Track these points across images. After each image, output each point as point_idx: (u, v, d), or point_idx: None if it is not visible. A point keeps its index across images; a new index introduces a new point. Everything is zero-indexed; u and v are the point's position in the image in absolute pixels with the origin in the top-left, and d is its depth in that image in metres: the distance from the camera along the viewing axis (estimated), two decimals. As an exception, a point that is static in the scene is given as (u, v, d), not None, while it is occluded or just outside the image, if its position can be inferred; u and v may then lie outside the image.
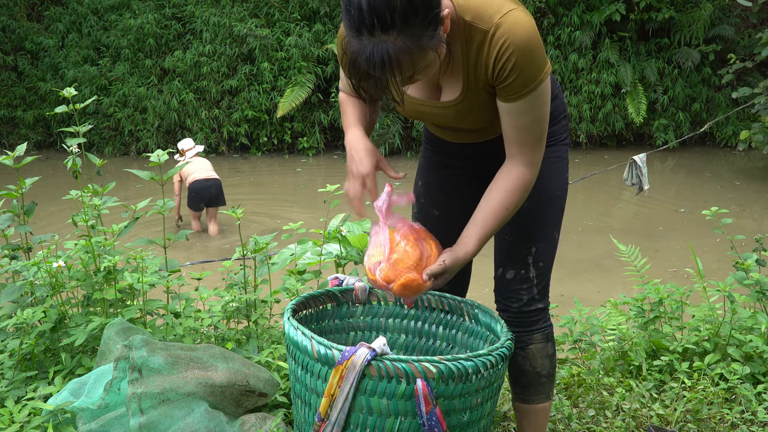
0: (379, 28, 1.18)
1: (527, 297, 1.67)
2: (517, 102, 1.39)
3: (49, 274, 2.04)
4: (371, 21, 1.18)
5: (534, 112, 1.41)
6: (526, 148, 1.44)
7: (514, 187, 1.46)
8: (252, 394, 1.77)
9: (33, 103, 10.94)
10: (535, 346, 1.70)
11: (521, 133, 1.43)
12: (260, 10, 10.80)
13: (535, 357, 1.70)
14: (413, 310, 1.86)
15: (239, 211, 2.28)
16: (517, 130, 1.43)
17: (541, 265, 1.67)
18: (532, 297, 1.67)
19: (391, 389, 1.38)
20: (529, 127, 1.43)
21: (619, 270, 2.87)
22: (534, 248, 1.65)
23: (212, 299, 2.26)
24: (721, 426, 1.99)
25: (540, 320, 1.70)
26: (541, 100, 1.40)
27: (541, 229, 1.66)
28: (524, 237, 1.65)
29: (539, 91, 1.39)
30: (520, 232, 1.65)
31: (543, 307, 1.70)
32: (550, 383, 1.74)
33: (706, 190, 8.19)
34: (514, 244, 1.67)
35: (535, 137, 1.44)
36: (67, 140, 2.24)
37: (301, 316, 1.72)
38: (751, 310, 2.42)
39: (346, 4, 1.21)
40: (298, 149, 10.52)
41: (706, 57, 10.50)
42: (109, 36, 10.89)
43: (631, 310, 2.47)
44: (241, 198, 7.60)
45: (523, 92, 1.38)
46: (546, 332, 1.71)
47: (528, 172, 1.46)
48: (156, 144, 10.35)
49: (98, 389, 1.74)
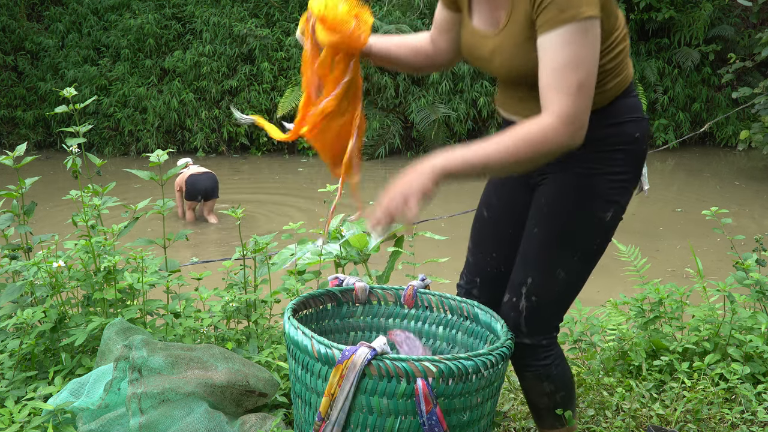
0: None
1: (513, 327, 1.56)
2: (554, 31, 1.26)
3: (49, 274, 2.04)
4: None
5: (572, 50, 1.26)
6: (560, 95, 1.26)
7: (529, 134, 1.27)
8: (252, 394, 1.77)
9: (33, 103, 10.94)
10: (527, 383, 1.64)
11: (556, 76, 1.27)
12: (260, 10, 10.80)
13: (529, 391, 1.66)
14: (413, 310, 1.86)
15: (239, 211, 2.28)
16: (553, 72, 1.27)
17: (534, 299, 1.52)
18: (518, 329, 1.55)
19: (392, 389, 1.38)
20: (564, 69, 1.26)
21: (619, 270, 2.87)
22: (530, 278, 1.52)
23: (212, 299, 2.26)
24: (721, 426, 1.99)
25: (528, 357, 1.58)
26: (582, 39, 1.26)
27: (542, 259, 1.51)
28: (524, 262, 1.54)
29: (581, 26, 1.25)
30: (524, 253, 1.54)
31: (532, 344, 1.56)
32: (553, 416, 1.65)
33: (706, 190, 8.19)
34: (517, 266, 1.56)
35: (572, 84, 1.26)
36: (67, 140, 2.24)
37: (301, 316, 1.72)
38: (751, 310, 2.42)
39: None
40: (298, 149, 10.52)
41: (706, 57, 10.50)
42: (109, 36, 10.89)
43: (631, 310, 2.47)
44: (241, 198, 7.60)
45: (560, 18, 1.25)
46: (538, 372, 1.59)
47: (553, 124, 1.26)
48: (156, 144, 10.35)
49: (98, 389, 1.74)
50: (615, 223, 1.52)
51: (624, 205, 1.52)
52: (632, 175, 1.50)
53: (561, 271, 1.51)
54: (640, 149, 1.49)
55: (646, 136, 1.50)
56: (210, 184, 6.68)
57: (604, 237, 1.52)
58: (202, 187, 6.63)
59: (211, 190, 6.69)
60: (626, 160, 1.47)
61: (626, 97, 1.48)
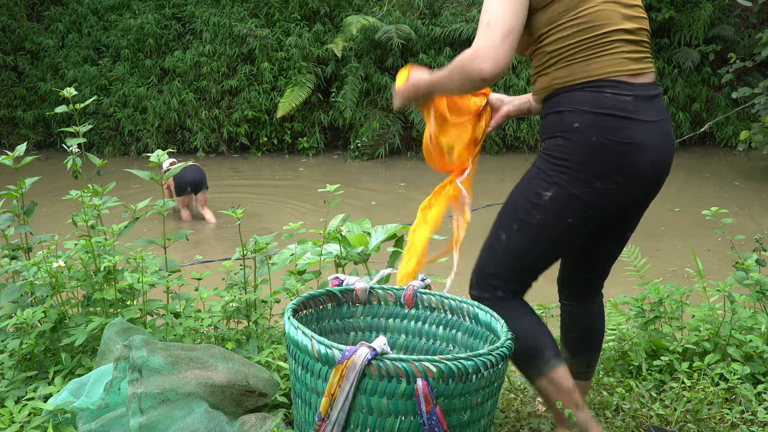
0: None
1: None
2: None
3: (49, 274, 2.04)
4: None
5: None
6: (478, 32, 1.57)
7: (458, 60, 1.60)
8: (252, 394, 1.77)
9: (33, 103, 10.94)
10: None
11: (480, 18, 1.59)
12: (260, 10, 10.80)
13: None
14: (413, 310, 1.86)
15: (239, 211, 2.28)
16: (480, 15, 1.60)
17: (482, 255, 1.73)
18: (470, 280, 1.75)
19: (392, 389, 1.38)
20: (482, 12, 1.58)
21: (619, 270, 2.87)
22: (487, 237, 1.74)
23: (212, 299, 2.26)
24: (721, 426, 1.99)
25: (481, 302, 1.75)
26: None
27: (494, 222, 1.73)
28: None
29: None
30: None
31: (477, 296, 1.75)
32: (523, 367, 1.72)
33: (706, 190, 8.19)
34: None
35: (482, 22, 1.56)
36: (67, 140, 2.24)
37: (301, 316, 1.72)
38: (751, 310, 2.42)
39: None
40: (298, 149, 10.52)
41: (706, 57, 10.50)
42: (109, 36, 10.89)
43: (631, 310, 2.47)
44: (241, 198, 7.60)
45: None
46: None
47: (469, 53, 1.57)
48: (156, 144, 10.35)
49: (98, 389, 1.74)
50: (560, 206, 1.61)
51: (570, 191, 1.60)
52: (576, 164, 1.58)
53: (503, 233, 1.69)
54: (582, 139, 1.57)
55: (591, 129, 1.56)
56: (197, 175, 6.70)
57: (546, 215, 1.63)
58: (190, 178, 6.64)
59: (199, 181, 6.71)
60: (566, 147, 1.59)
61: (578, 91, 1.58)
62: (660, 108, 1.63)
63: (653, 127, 1.59)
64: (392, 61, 10.19)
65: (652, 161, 1.60)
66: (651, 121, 1.59)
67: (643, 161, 1.58)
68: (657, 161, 1.61)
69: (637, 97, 1.57)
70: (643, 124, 1.57)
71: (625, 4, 1.60)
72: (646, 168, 1.60)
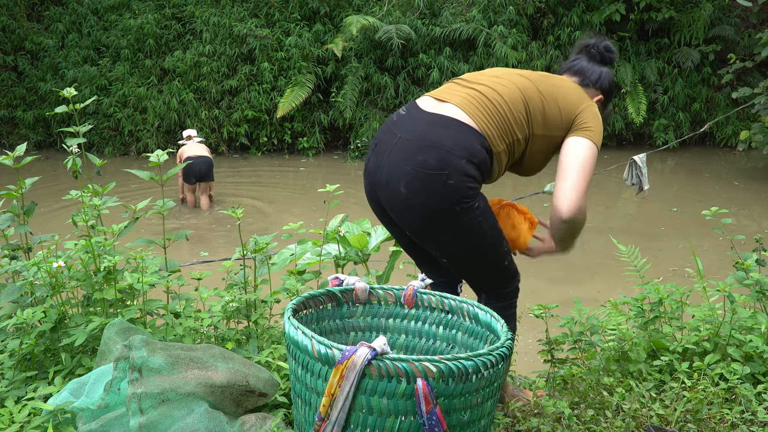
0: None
1: None
2: None
3: (49, 274, 2.04)
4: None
5: None
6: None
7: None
8: (252, 394, 1.77)
9: (33, 103, 10.94)
10: None
11: None
12: (260, 10, 10.80)
13: None
14: (413, 310, 1.86)
15: (239, 211, 2.28)
16: None
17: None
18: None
19: (392, 389, 1.38)
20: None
21: (619, 270, 2.87)
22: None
23: (212, 299, 2.26)
24: (721, 426, 1.99)
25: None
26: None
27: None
28: None
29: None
30: None
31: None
32: None
33: (706, 190, 8.19)
34: None
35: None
36: (67, 140, 2.24)
37: (301, 316, 1.72)
38: (751, 310, 2.42)
39: None
40: (298, 149, 10.52)
41: (706, 57, 10.51)
42: (109, 36, 10.88)
43: (631, 310, 2.47)
44: (241, 198, 7.60)
45: None
46: None
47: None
48: (156, 144, 10.35)
49: (98, 389, 1.74)
50: None
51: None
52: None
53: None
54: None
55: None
56: (204, 168, 7.15)
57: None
58: (196, 170, 7.11)
59: (205, 174, 7.19)
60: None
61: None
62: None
63: None
64: (392, 61, 10.19)
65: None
66: None
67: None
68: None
69: None
70: None
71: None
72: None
